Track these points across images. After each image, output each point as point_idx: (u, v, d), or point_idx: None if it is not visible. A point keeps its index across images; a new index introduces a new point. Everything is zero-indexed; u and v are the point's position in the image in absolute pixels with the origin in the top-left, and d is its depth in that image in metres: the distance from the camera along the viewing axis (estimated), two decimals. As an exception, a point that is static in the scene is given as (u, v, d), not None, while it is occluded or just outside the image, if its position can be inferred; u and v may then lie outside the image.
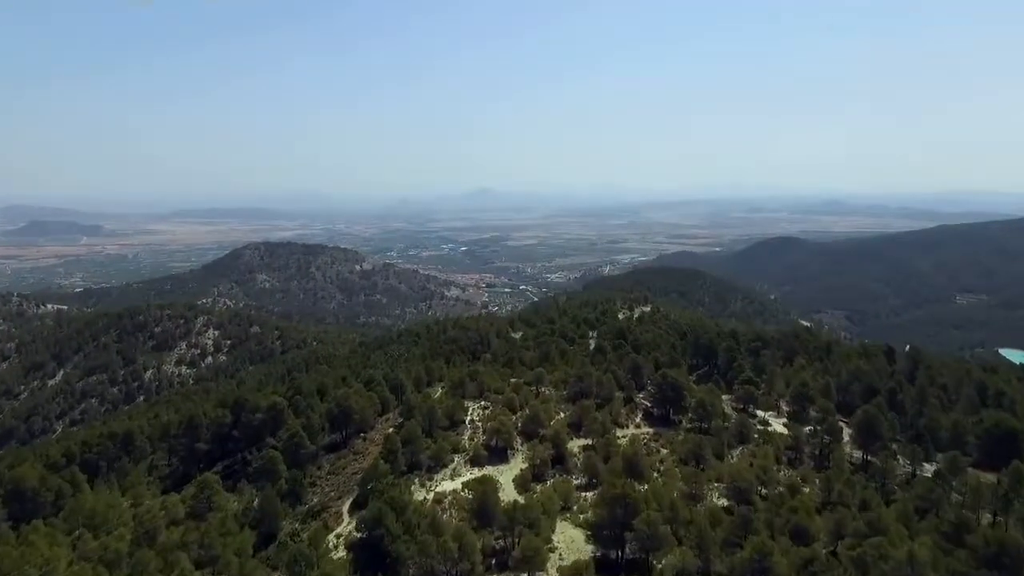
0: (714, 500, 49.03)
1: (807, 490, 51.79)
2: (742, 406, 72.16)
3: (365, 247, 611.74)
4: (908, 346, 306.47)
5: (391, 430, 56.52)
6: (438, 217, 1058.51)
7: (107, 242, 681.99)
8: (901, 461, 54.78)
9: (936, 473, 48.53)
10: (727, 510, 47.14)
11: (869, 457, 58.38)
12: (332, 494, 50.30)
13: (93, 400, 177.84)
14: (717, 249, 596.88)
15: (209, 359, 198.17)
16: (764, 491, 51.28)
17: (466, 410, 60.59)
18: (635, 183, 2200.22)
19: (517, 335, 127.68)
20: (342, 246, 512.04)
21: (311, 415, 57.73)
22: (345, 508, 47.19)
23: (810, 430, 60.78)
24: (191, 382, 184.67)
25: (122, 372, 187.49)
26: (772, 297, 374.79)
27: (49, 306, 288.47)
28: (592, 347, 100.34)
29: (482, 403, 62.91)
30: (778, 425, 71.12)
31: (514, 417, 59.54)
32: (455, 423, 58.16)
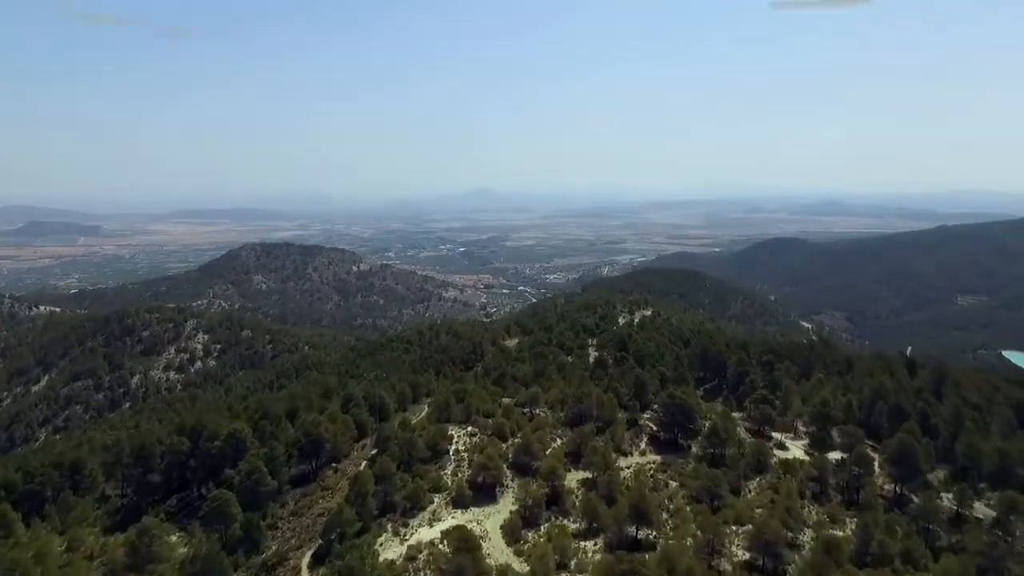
0: (735, 551, 41.91)
1: (840, 534, 44.82)
2: (757, 427, 65.13)
3: (363, 247, 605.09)
4: (910, 348, 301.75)
5: (365, 463, 49.40)
6: (437, 217, 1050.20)
7: (105, 243, 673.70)
8: (945, 500, 47.67)
9: (995, 521, 41.39)
10: (750, 565, 40.14)
11: (904, 490, 51.34)
12: (293, 541, 43.14)
13: (78, 407, 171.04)
14: (716, 250, 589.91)
15: (198, 364, 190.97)
16: (791, 536, 44.32)
17: (450, 438, 53.31)
18: (634, 183, 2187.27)
19: (513, 342, 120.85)
20: (340, 247, 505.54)
21: (276, 445, 50.50)
22: (305, 562, 40.01)
23: (837, 460, 53.62)
24: (179, 388, 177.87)
25: (108, 378, 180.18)
26: (772, 298, 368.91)
27: (42, 308, 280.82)
28: (592, 359, 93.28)
29: (469, 429, 55.53)
30: (796, 449, 64.06)
31: (504, 446, 52.32)
32: (437, 454, 50.89)
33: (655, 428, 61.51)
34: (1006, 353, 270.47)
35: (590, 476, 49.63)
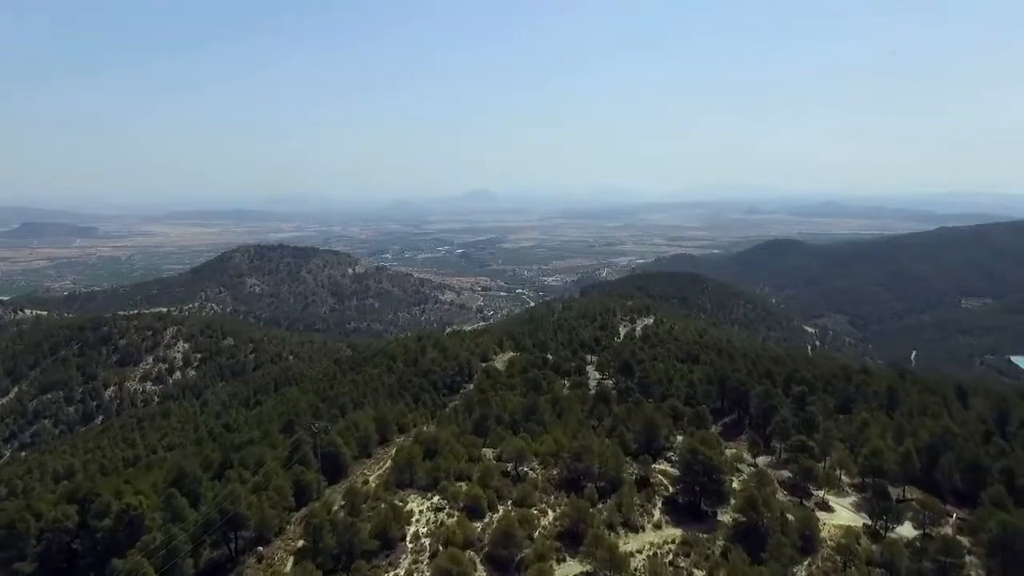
0: None
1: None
2: (795, 480, 52.34)
3: (361, 249, 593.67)
4: (914, 353, 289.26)
5: (292, 559, 36.68)
6: (434, 219, 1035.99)
7: (101, 244, 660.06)
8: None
9: None
10: None
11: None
12: None
13: (46, 421, 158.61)
14: (715, 251, 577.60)
15: (177, 374, 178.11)
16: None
17: (409, 516, 40.39)
18: (632, 184, 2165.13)
19: (505, 357, 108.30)
20: (337, 248, 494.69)
21: (176, 531, 37.62)
22: None
23: (911, 544, 40.74)
24: (156, 401, 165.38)
25: (80, 390, 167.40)
26: (772, 300, 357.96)
27: (27, 311, 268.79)
28: (592, 383, 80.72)
29: (435, 500, 42.35)
30: (844, 509, 51.22)
31: (479, 527, 39.54)
32: (389, 543, 37.96)
33: (671, 488, 48.67)
34: (1015, 359, 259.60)
35: (590, 571, 36.83)
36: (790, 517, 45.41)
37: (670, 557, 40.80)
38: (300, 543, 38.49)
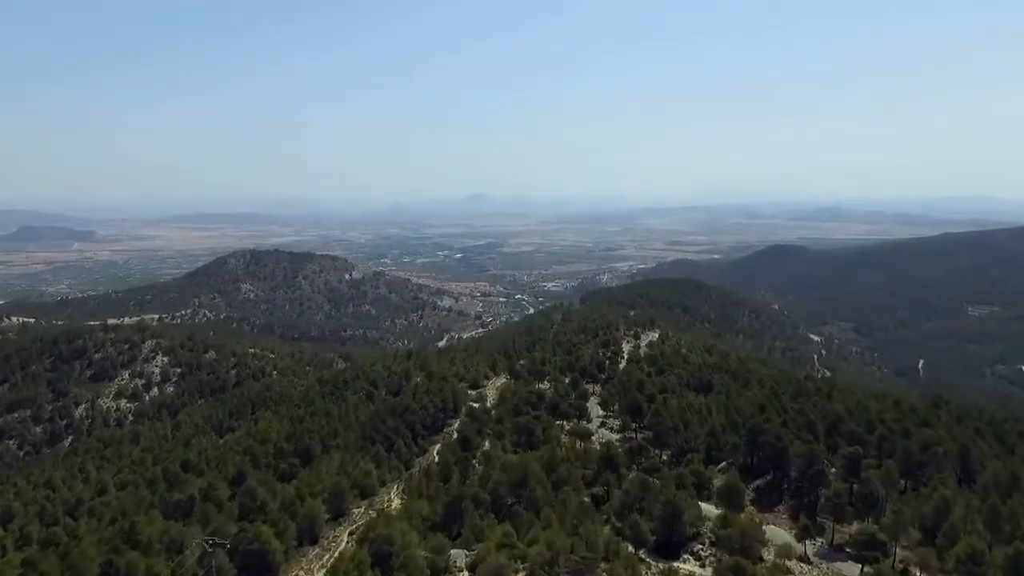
0: None
1: None
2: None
3: (359, 253, 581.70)
4: (922, 362, 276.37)
5: None
6: (433, 223, 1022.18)
7: (99, 248, 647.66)
8: None
9: None
10: None
11: None
12: None
13: (11, 442, 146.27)
14: (716, 256, 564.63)
15: (155, 390, 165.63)
16: None
17: None
18: (632, 189, 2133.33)
19: (498, 383, 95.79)
20: (335, 253, 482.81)
21: None
22: None
23: None
24: (130, 419, 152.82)
25: (50, 408, 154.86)
26: (775, 307, 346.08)
27: (14, 319, 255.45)
28: (595, 429, 67.86)
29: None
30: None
31: None
32: None
33: (706, 608, 35.81)
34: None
35: None
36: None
37: None
38: None
